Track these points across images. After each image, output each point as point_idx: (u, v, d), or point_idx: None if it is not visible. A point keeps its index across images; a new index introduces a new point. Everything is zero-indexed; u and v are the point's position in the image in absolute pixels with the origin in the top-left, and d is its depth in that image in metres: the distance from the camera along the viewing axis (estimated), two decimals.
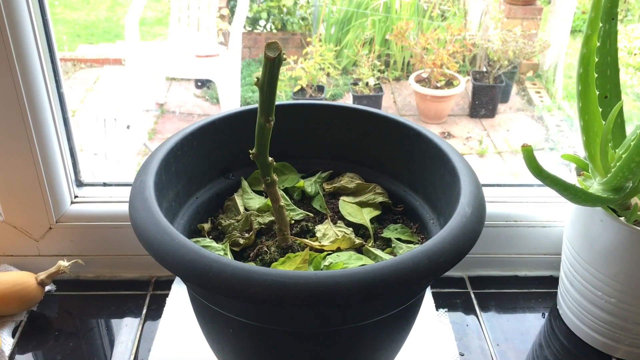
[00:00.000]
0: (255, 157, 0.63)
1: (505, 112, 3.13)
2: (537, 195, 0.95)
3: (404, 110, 3.13)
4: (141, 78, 2.96)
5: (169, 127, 2.93)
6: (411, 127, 0.73)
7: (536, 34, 3.29)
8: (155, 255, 0.56)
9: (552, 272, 0.98)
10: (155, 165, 0.66)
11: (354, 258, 0.66)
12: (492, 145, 2.89)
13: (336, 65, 3.13)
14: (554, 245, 0.95)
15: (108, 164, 2.51)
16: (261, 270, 0.53)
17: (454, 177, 0.66)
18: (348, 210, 0.74)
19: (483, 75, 3.10)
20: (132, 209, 0.61)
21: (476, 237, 0.59)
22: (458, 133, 2.98)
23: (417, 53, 3.12)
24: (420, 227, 0.73)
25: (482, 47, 3.14)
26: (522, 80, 3.31)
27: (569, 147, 2.83)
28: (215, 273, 0.53)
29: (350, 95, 3.04)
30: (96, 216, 0.92)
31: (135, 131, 2.73)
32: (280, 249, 0.68)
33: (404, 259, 0.54)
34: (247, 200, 0.75)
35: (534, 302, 0.93)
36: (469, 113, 3.12)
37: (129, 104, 2.89)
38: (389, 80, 3.30)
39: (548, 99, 3.17)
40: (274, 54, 0.55)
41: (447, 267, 0.55)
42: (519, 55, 3.08)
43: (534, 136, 2.93)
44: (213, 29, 3.01)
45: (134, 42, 2.85)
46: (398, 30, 3.04)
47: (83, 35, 3.53)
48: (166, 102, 3.10)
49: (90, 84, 3.15)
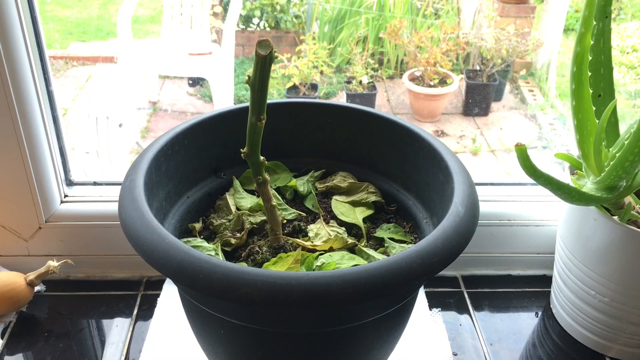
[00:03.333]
0: (246, 156, 0.62)
1: (498, 110, 3.13)
2: (530, 194, 0.95)
3: (398, 109, 3.13)
4: (134, 76, 2.94)
5: (162, 126, 2.91)
6: (404, 126, 0.73)
7: (529, 33, 3.30)
8: (144, 256, 0.55)
9: (546, 271, 0.97)
10: (145, 165, 0.65)
11: (347, 258, 0.65)
12: (485, 143, 2.90)
13: (330, 63, 3.13)
14: (548, 244, 0.95)
15: (100, 162, 2.49)
16: (252, 271, 0.52)
17: (447, 176, 0.66)
18: (341, 210, 0.73)
19: (476, 73, 3.10)
20: (122, 208, 0.60)
21: (470, 236, 0.58)
22: (451, 131, 2.98)
23: (410, 51, 3.12)
24: (413, 227, 0.73)
25: (476, 45, 3.14)
26: (516, 78, 3.31)
27: (562, 146, 2.83)
28: (205, 274, 0.52)
29: (343, 93, 3.03)
30: (86, 216, 0.91)
31: (128, 129, 2.72)
32: (272, 249, 0.68)
33: (397, 259, 0.53)
34: (238, 199, 0.74)
35: (528, 301, 0.93)
36: (463, 111, 3.12)
37: (121, 102, 2.87)
38: (382, 79, 3.30)
39: (541, 97, 3.18)
40: (266, 52, 0.55)
41: (440, 267, 0.55)
42: (512, 54, 3.09)
43: (527, 134, 2.93)
44: (206, 27, 3.01)
45: (127, 40, 2.83)
46: (392, 29, 3.04)
47: (75, 33, 3.51)
48: (159, 100, 3.09)
49: (83, 82, 3.13)
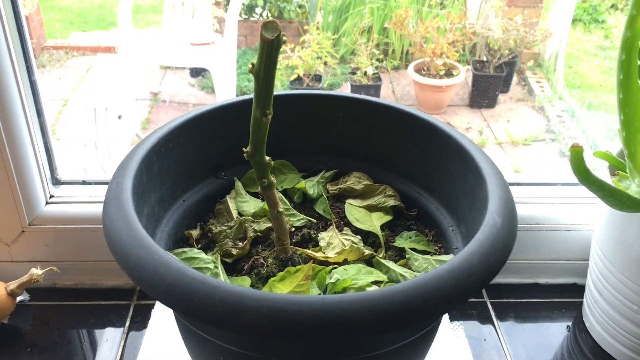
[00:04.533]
0: (249, 157, 0.54)
1: (505, 102, 3.13)
2: (561, 195, 0.87)
3: (403, 100, 3.16)
4: (135, 67, 2.93)
5: (163, 117, 2.90)
6: (427, 121, 0.65)
7: (537, 23, 3.28)
8: (129, 273, 0.47)
9: (576, 280, 0.90)
10: (135, 165, 0.57)
11: (364, 272, 0.57)
12: (492, 136, 2.90)
13: (334, 54, 3.11)
14: (579, 250, 0.87)
15: (99, 155, 2.45)
16: (256, 294, 0.44)
17: (478, 179, 0.58)
18: (355, 216, 0.65)
19: (483, 64, 3.11)
20: (106, 216, 0.52)
21: (509, 250, 0.50)
22: (458, 123, 2.98)
23: (416, 42, 3.11)
24: (437, 235, 0.65)
25: (483, 35, 3.12)
26: (523, 69, 3.33)
27: (570, 139, 2.82)
28: (201, 298, 0.44)
29: (348, 84, 3.02)
30: (74, 218, 0.84)
31: (128, 121, 2.69)
32: (279, 260, 0.60)
33: (426, 279, 0.45)
34: (241, 203, 0.66)
35: (557, 312, 0.86)
36: (469, 103, 3.11)
37: (122, 93, 2.89)
38: (387, 70, 3.30)
39: (549, 89, 3.19)
40: (272, 36, 0.47)
41: (477, 288, 0.47)
42: (520, 44, 3.08)
43: (535, 127, 2.94)
44: (208, 17, 3.00)
45: (127, 30, 2.82)
46: (397, 19, 3.02)
47: (76, 23, 3.54)
48: (160, 92, 3.08)
49: (83, 72, 3.17)
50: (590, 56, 3.41)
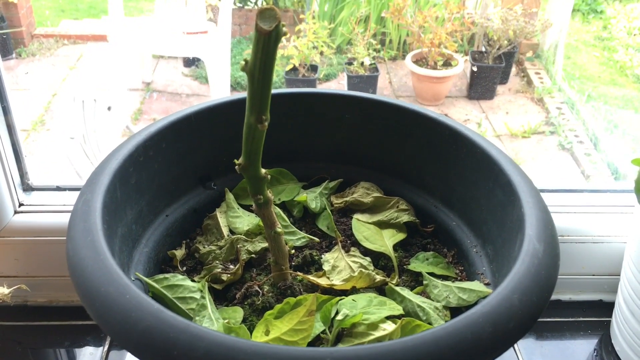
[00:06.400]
0: (242, 170, 0.46)
1: (504, 93, 3.09)
2: (588, 204, 0.80)
3: (400, 91, 3.11)
4: (126, 56, 2.89)
5: (156, 107, 2.85)
6: (448, 125, 0.57)
7: (536, 13, 3.24)
8: (95, 316, 0.39)
9: (603, 296, 0.82)
10: (107, 179, 0.48)
11: (375, 304, 0.49)
12: (491, 128, 2.86)
13: (330, 43, 3.07)
14: (607, 265, 0.80)
15: (87, 148, 2.38)
16: (249, 347, 0.36)
17: (510, 195, 0.49)
18: (364, 234, 0.57)
19: (482, 55, 3.08)
20: (70, 243, 0.44)
21: (552, 287, 0.42)
22: (456, 115, 2.96)
23: (414, 32, 3.07)
24: (457, 256, 0.57)
25: (482, 26, 3.07)
26: (522, 60, 3.31)
27: (569, 131, 2.75)
28: (182, 351, 0.36)
29: (344, 75, 2.99)
30: (47, 228, 0.77)
31: (118, 112, 2.63)
32: (277, 288, 0.52)
33: (459, 327, 0.37)
34: (232, 219, 0.58)
35: (582, 332, 0.78)
36: (467, 94, 3.06)
37: (113, 83, 2.86)
38: (384, 60, 3.28)
39: (548, 80, 3.18)
40: (270, 26, 0.38)
41: (518, 335, 0.39)
42: (519, 35, 3.04)
43: (534, 119, 2.93)
44: (202, 5, 2.96)
45: (118, 18, 2.77)
46: (394, 8, 2.99)
47: (67, 10, 3.50)
48: (153, 81, 3.03)
49: (74, 61, 3.11)
50: (589, 47, 3.37)
